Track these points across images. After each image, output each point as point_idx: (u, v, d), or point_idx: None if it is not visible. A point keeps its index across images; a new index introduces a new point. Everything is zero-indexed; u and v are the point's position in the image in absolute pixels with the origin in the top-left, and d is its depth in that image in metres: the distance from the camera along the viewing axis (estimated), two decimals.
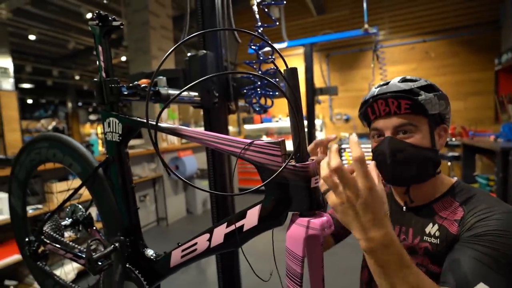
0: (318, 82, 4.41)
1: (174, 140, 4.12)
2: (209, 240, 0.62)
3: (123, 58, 7.31)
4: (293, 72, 0.50)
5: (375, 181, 0.45)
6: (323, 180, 0.47)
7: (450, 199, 0.65)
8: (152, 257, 0.71)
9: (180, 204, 4.23)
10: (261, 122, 1.46)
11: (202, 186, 4.25)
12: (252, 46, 1.00)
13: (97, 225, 0.82)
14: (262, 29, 1.01)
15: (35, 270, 0.89)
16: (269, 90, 1.10)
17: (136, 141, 3.87)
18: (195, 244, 0.64)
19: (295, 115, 0.49)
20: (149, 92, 0.47)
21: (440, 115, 0.66)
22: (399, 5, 4.82)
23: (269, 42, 0.53)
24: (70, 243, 0.77)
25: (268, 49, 1.05)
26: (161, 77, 0.98)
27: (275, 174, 0.50)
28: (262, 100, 1.12)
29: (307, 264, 0.54)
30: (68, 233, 0.86)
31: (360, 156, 0.43)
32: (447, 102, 0.66)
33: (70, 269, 2.17)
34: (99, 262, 0.68)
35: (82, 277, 2.34)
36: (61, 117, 11.75)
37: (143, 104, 0.83)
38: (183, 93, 1.00)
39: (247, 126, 6.00)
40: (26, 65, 7.83)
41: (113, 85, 0.68)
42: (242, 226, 0.58)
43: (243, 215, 0.58)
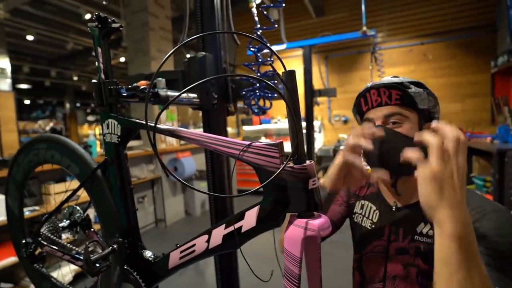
0: (317, 84, 4.43)
1: (173, 142, 4.11)
2: (208, 241, 0.62)
3: (122, 59, 7.30)
4: (291, 74, 0.51)
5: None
6: (438, 148, 0.44)
7: None
8: (150, 258, 0.71)
9: (179, 205, 4.22)
10: (260, 123, 1.47)
11: (200, 187, 4.25)
12: (251, 48, 1.00)
13: (95, 227, 0.82)
14: (261, 31, 1.01)
15: (32, 272, 0.89)
16: (268, 92, 1.10)
17: (135, 142, 3.87)
18: (194, 245, 0.64)
19: (293, 117, 0.50)
20: (149, 94, 0.47)
21: (429, 112, 0.68)
22: (397, 8, 4.85)
23: (268, 44, 0.53)
24: (67, 245, 0.77)
25: (267, 51, 1.05)
26: (160, 78, 0.98)
27: (273, 176, 0.51)
28: (261, 102, 1.12)
29: (305, 265, 0.54)
30: (66, 235, 0.86)
31: (461, 137, 0.45)
32: (436, 100, 0.68)
33: (68, 271, 2.16)
34: (97, 264, 0.68)
35: (79, 279, 2.33)
36: (59, 118, 11.71)
37: (142, 105, 0.83)
38: (182, 94, 1.00)
39: (246, 128, 6.00)
40: (24, 66, 7.81)
41: (112, 87, 0.68)
42: (241, 227, 0.58)
43: (241, 216, 0.58)
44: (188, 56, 1.12)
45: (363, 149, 0.69)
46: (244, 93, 1.13)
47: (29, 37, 5.91)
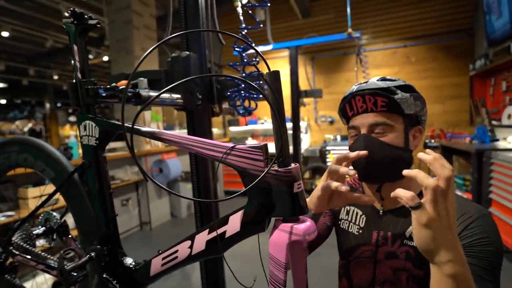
0: (303, 85, 4.46)
1: (158, 143, 4.03)
2: (191, 247, 0.60)
3: (105, 58, 7.10)
4: (275, 75, 0.50)
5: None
6: (435, 190, 0.44)
7: None
8: (131, 266, 0.68)
9: (164, 207, 4.14)
10: (246, 124, 1.46)
11: (186, 189, 4.18)
12: (236, 49, 0.99)
13: (73, 233, 0.78)
14: (246, 31, 1.00)
15: (2, 283, 0.84)
16: (253, 92, 1.09)
17: (118, 144, 3.76)
18: (176, 251, 0.62)
19: (277, 118, 0.49)
20: (126, 94, 0.45)
21: (416, 116, 0.68)
22: (381, 11, 4.96)
23: (253, 44, 0.52)
24: (42, 253, 0.73)
25: (252, 51, 1.04)
26: (141, 78, 0.95)
27: (257, 180, 0.49)
28: (246, 103, 1.11)
29: (291, 270, 0.53)
30: (42, 242, 0.81)
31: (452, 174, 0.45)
32: (423, 104, 0.67)
33: (43, 280, 2.06)
34: (73, 273, 0.64)
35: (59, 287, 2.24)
36: (38, 118, 11.26)
37: (127, 106, 0.80)
38: (165, 95, 0.97)
39: (233, 128, 5.97)
40: None
41: (89, 87, 0.65)
42: (225, 233, 0.56)
43: (225, 221, 0.57)
44: (171, 55, 1.09)
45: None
46: (229, 93, 1.11)
47: (5, 34, 5.64)
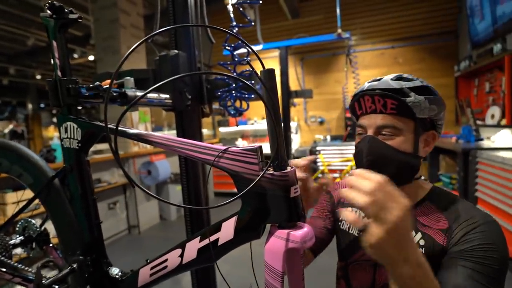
0: (293, 85, 4.46)
1: (146, 144, 3.94)
2: (181, 256, 0.57)
3: (91, 58, 6.91)
4: (270, 73, 0.47)
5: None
6: (367, 206, 0.41)
7: (430, 205, 0.64)
8: (117, 276, 0.64)
9: (153, 210, 4.06)
10: (237, 125, 1.43)
11: (176, 191, 4.11)
12: (226, 47, 0.96)
13: (55, 241, 0.73)
14: (237, 30, 0.97)
15: None
16: (245, 92, 1.06)
17: (104, 145, 3.66)
18: (166, 260, 0.59)
19: (273, 119, 0.46)
20: (109, 93, 0.41)
21: (431, 120, 0.64)
22: (369, 12, 5.02)
23: (245, 41, 0.49)
24: (19, 265, 0.68)
25: (243, 51, 1.01)
26: (128, 77, 0.91)
27: (252, 185, 0.47)
28: (237, 103, 1.08)
29: (287, 278, 0.51)
30: (20, 251, 0.76)
31: (383, 180, 0.42)
32: (440, 107, 0.63)
33: None
34: (55, 286, 0.60)
35: None
36: (20, 119, 10.85)
37: (114, 107, 0.76)
38: (153, 95, 0.93)
39: (222, 129, 5.92)
40: None
41: (70, 86, 0.60)
42: (217, 240, 0.53)
43: (217, 228, 0.54)
44: (159, 54, 1.05)
45: (355, 158, 0.67)
46: (219, 93, 1.08)
47: None
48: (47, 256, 0.74)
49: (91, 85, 0.62)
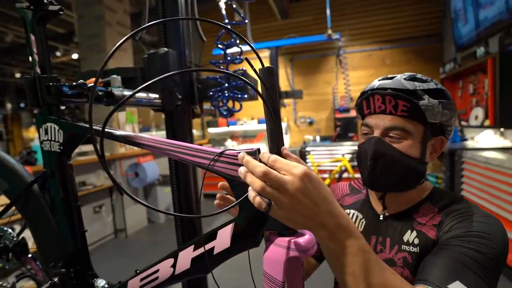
0: (283, 86, 4.46)
1: (135, 146, 3.84)
2: (174, 266, 0.53)
3: (74, 56, 6.69)
4: (269, 71, 0.45)
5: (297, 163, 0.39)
6: (262, 193, 0.38)
7: (429, 206, 0.63)
8: None
9: (141, 213, 3.95)
10: (227, 125, 1.40)
11: (164, 193, 4.02)
12: (219, 45, 0.93)
13: (34, 249, 0.68)
14: (230, 27, 0.94)
15: None
16: (237, 92, 1.03)
17: (89, 147, 3.54)
18: (157, 271, 0.55)
19: (273, 119, 0.44)
20: (94, 92, 0.38)
21: (442, 125, 0.61)
22: (357, 14, 5.09)
23: (242, 36, 0.46)
24: None
25: (236, 50, 0.98)
26: (115, 76, 0.86)
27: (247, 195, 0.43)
28: (230, 103, 1.05)
29: None
30: None
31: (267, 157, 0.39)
32: (453, 113, 0.60)
33: None
34: None
35: None
36: None
37: (99, 107, 0.71)
38: (141, 94, 0.89)
39: (211, 130, 5.86)
40: None
41: (51, 84, 0.56)
42: (213, 249, 0.50)
43: (213, 236, 0.50)
44: (148, 52, 1.01)
45: (357, 159, 0.65)
46: (211, 93, 1.04)
47: None
48: (25, 268, 0.68)
49: (74, 83, 0.58)
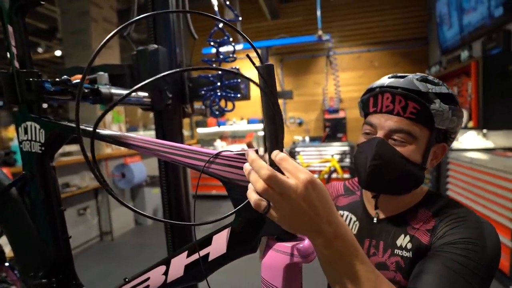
0: None
1: (125, 147, 3.73)
2: (166, 273, 0.51)
3: (57, 53, 6.46)
4: (269, 69, 0.43)
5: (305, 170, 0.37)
6: (263, 194, 0.36)
7: (424, 210, 0.62)
8: None
9: (128, 215, 3.85)
10: (218, 125, 1.36)
11: (152, 194, 3.94)
12: (211, 43, 0.90)
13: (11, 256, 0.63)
14: (222, 25, 0.91)
15: None
16: (230, 91, 1.01)
17: (73, 147, 3.42)
18: (147, 279, 0.52)
19: (274, 118, 0.42)
20: (81, 89, 0.35)
21: (446, 132, 0.59)
22: (346, 16, 5.15)
23: (239, 31, 0.44)
24: None
25: (229, 48, 0.95)
26: (101, 73, 0.82)
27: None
28: (222, 103, 1.02)
29: None
30: None
31: (278, 157, 0.38)
32: (459, 120, 0.58)
33: None
34: None
35: None
36: None
37: (82, 106, 0.67)
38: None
39: (200, 130, 5.79)
40: None
41: (31, 79, 0.52)
42: (207, 255, 0.48)
43: (208, 241, 0.48)
44: (138, 48, 0.97)
45: (356, 158, 0.63)
46: (203, 92, 1.02)
47: None
48: (1, 277, 0.64)
49: (58, 79, 0.54)
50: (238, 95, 1.00)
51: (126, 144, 0.49)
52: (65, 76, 0.55)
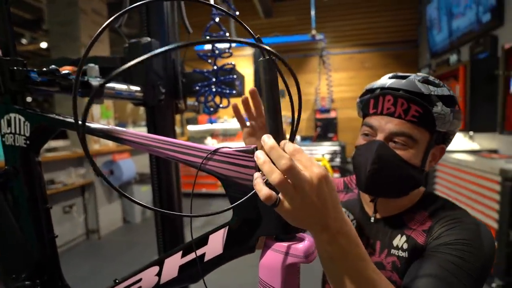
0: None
1: (108, 141, 3.64)
2: (159, 274, 0.49)
3: (43, 45, 6.25)
4: (270, 63, 0.41)
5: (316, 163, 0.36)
6: (278, 186, 0.34)
7: (420, 211, 0.62)
8: None
9: (116, 213, 3.77)
10: (211, 123, 1.36)
11: (141, 192, 3.87)
12: (207, 37, 0.88)
13: None
14: (218, 19, 0.89)
15: None
16: (225, 87, 0.99)
17: (59, 143, 3.32)
18: (139, 280, 0.50)
19: (276, 115, 0.40)
20: (78, 81, 0.32)
21: (446, 133, 0.59)
22: (338, 17, 5.20)
23: (241, 21, 0.42)
24: None
25: (225, 45, 0.93)
26: (92, 65, 0.78)
27: (251, 194, 0.40)
28: (217, 99, 1.00)
29: None
30: None
31: (293, 148, 0.36)
32: (459, 122, 0.58)
33: None
34: None
35: None
36: None
37: (68, 99, 0.64)
38: (122, 86, 0.82)
39: (191, 127, 5.73)
40: None
41: (15, 68, 0.48)
42: (203, 255, 0.46)
43: (203, 241, 0.46)
44: (130, 41, 0.93)
45: (354, 160, 0.62)
46: (198, 88, 0.99)
47: None
48: None
49: (45, 69, 0.51)
50: (234, 92, 0.98)
51: (119, 139, 0.46)
52: (53, 66, 0.52)
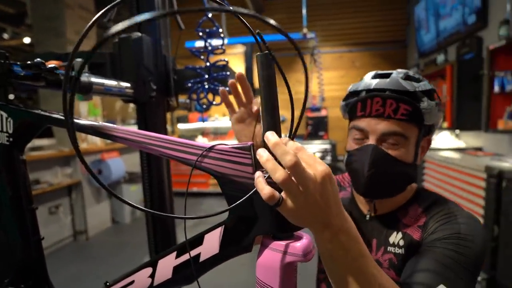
0: (257, 83, 4.43)
1: (96, 140, 3.55)
2: (152, 276, 0.47)
3: (26, 40, 6.03)
4: (267, 58, 0.40)
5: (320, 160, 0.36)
6: (282, 185, 0.33)
7: (414, 207, 0.63)
8: None
9: (104, 213, 3.69)
10: (202, 121, 1.34)
11: (130, 191, 3.80)
12: (200, 33, 0.86)
13: None
14: (211, 15, 0.88)
15: None
16: (218, 84, 0.97)
17: (45, 141, 3.21)
18: (131, 282, 0.48)
19: (273, 113, 0.39)
20: (70, 77, 0.31)
21: (432, 125, 0.60)
22: (329, 16, 5.23)
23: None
24: None
25: (218, 42, 0.92)
26: (80, 59, 0.75)
27: (251, 193, 0.39)
28: (210, 96, 0.99)
29: None
30: None
31: (298, 147, 0.36)
32: (442, 113, 0.60)
33: None
34: None
35: None
36: None
37: (54, 96, 0.61)
38: (112, 83, 0.79)
39: (181, 125, 5.66)
40: None
41: None
42: (198, 256, 0.45)
43: (199, 241, 0.45)
44: (120, 36, 0.90)
45: (348, 165, 0.62)
46: (190, 85, 0.97)
47: None
48: None
49: (30, 62, 0.48)
50: (227, 89, 0.97)
51: (110, 136, 0.45)
52: (38, 59, 0.49)
